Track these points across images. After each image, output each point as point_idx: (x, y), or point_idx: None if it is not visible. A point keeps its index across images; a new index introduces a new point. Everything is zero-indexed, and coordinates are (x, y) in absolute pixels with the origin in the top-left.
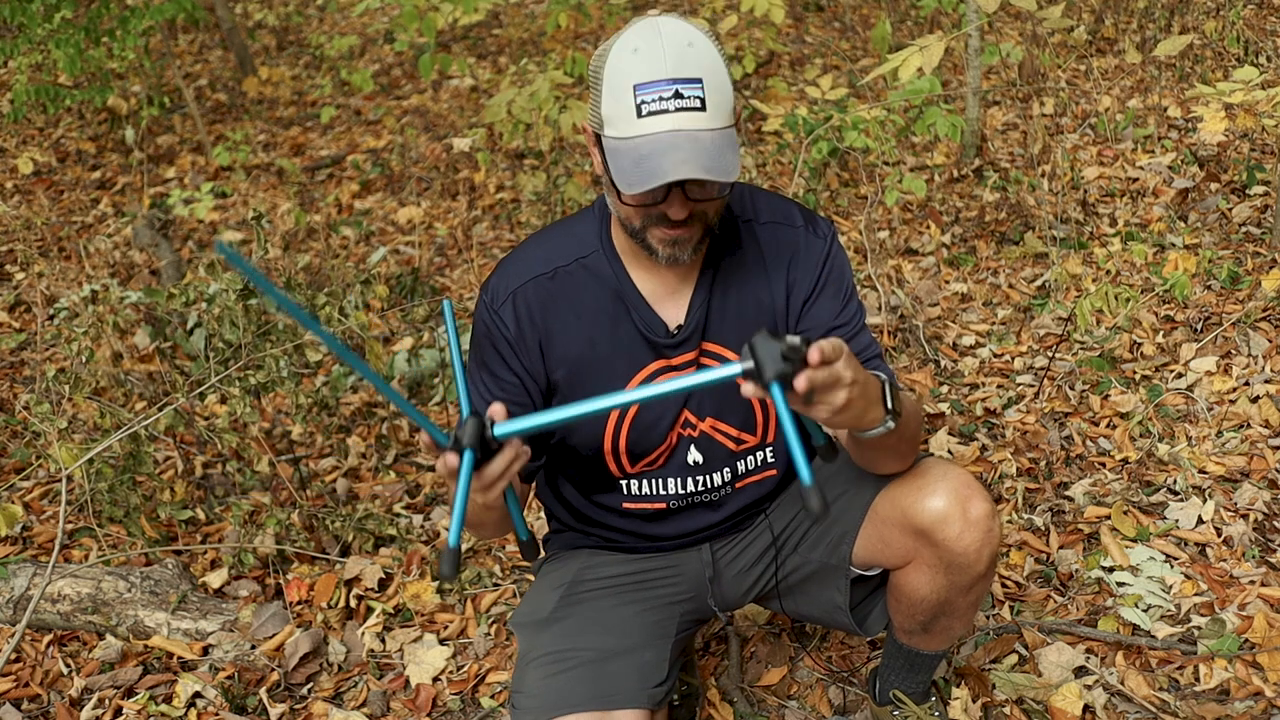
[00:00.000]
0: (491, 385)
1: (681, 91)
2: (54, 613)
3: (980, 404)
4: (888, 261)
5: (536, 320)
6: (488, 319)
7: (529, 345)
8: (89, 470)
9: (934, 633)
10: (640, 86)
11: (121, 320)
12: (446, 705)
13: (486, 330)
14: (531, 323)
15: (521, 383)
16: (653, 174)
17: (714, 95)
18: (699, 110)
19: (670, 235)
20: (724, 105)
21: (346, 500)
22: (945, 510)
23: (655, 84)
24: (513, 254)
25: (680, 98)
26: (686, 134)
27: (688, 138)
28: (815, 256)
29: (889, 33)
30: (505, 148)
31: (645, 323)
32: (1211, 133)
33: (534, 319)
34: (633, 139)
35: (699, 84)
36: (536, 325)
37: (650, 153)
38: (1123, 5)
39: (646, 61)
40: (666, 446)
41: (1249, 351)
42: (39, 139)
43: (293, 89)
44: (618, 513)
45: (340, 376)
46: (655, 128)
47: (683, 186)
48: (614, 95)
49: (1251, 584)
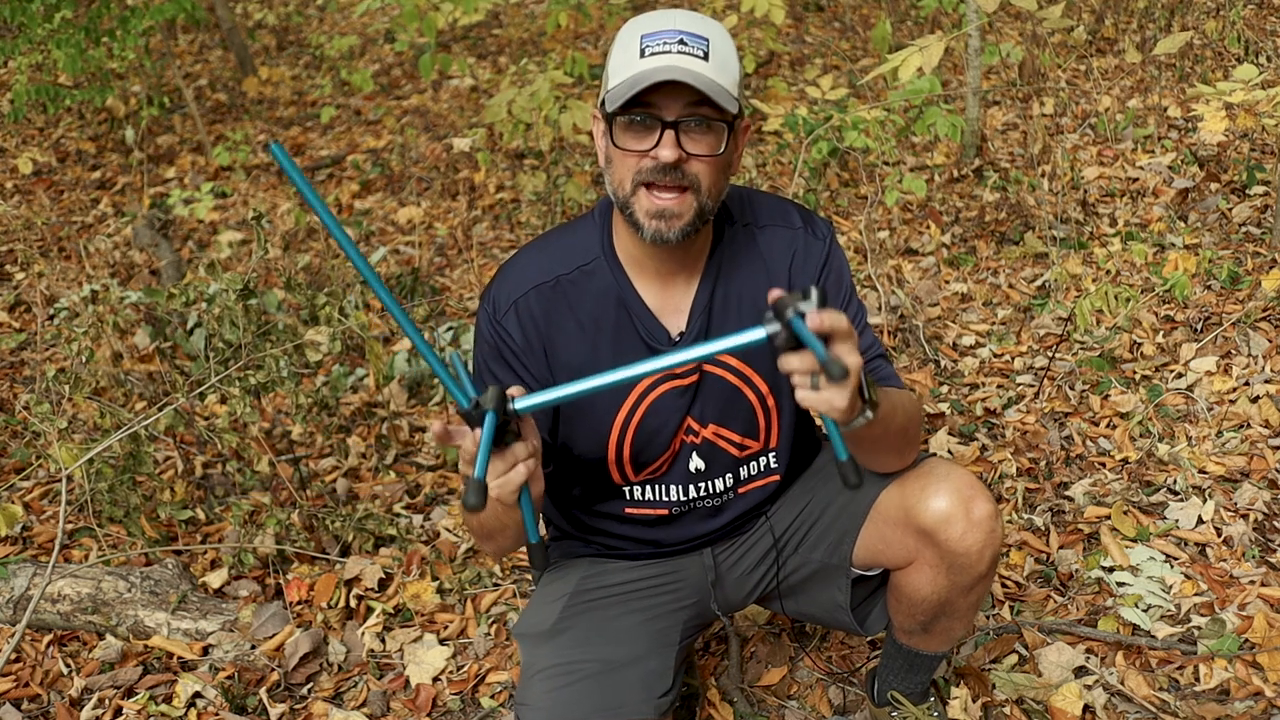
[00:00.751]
0: None
1: (686, 40)
2: (54, 613)
3: (980, 404)
4: (888, 261)
5: (540, 328)
6: (492, 330)
7: (535, 353)
8: (89, 470)
9: (934, 633)
10: (647, 35)
11: (121, 320)
12: (446, 705)
13: (491, 341)
14: (536, 331)
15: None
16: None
17: (719, 55)
18: (702, 59)
19: (658, 205)
20: (729, 69)
21: (346, 500)
22: (948, 511)
23: (662, 33)
24: (513, 261)
25: (684, 44)
26: (685, 69)
27: (685, 70)
28: (815, 258)
29: (889, 33)
30: (505, 148)
31: (647, 330)
32: (1211, 132)
33: (538, 327)
34: (631, 74)
35: (705, 40)
36: (540, 333)
37: (645, 74)
38: (1123, 5)
39: (657, 19)
40: (670, 454)
41: (1249, 351)
42: (39, 139)
43: (293, 89)
44: (619, 519)
45: (340, 376)
46: (655, 64)
47: (676, 130)
48: (620, 50)
49: (1251, 584)
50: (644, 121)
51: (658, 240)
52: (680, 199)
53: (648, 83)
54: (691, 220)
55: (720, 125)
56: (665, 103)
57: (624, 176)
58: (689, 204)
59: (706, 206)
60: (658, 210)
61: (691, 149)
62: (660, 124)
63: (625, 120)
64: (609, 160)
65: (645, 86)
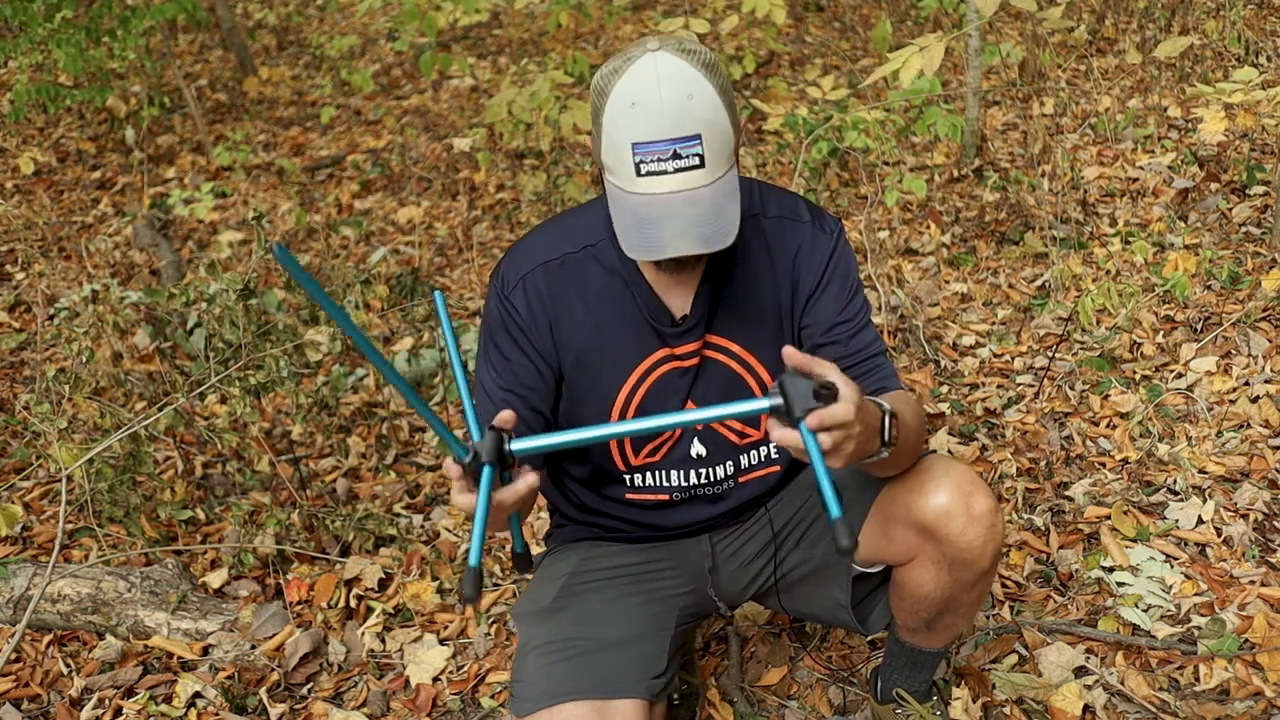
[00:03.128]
0: (501, 367)
1: (680, 152)
2: (54, 613)
3: (980, 404)
4: (888, 261)
5: (547, 305)
6: (500, 305)
7: (541, 330)
8: (89, 470)
9: (937, 630)
10: (639, 146)
11: (121, 320)
12: (446, 705)
13: (499, 316)
14: (542, 308)
15: (534, 366)
16: (652, 244)
17: (712, 148)
18: (697, 168)
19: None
20: (723, 153)
21: (346, 500)
22: (949, 506)
23: (653, 145)
24: (522, 241)
25: (678, 158)
26: (684, 196)
27: (685, 201)
28: (821, 252)
29: (889, 33)
30: (505, 148)
31: (651, 310)
32: (1211, 133)
33: (544, 304)
34: (633, 196)
35: (697, 141)
36: (547, 310)
37: (649, 217)
38: (1123, 5)
39: (645, 118)
40: (670, 438)
41: (1249, 351)
42: (39, 139)
43: (293, 89)
44: (621, 503)
45: (340, 376)
46: (654, 189)
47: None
48: (613, 149)
49: (1251, 584)
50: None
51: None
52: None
53: (655, 257)
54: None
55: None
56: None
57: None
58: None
59: None
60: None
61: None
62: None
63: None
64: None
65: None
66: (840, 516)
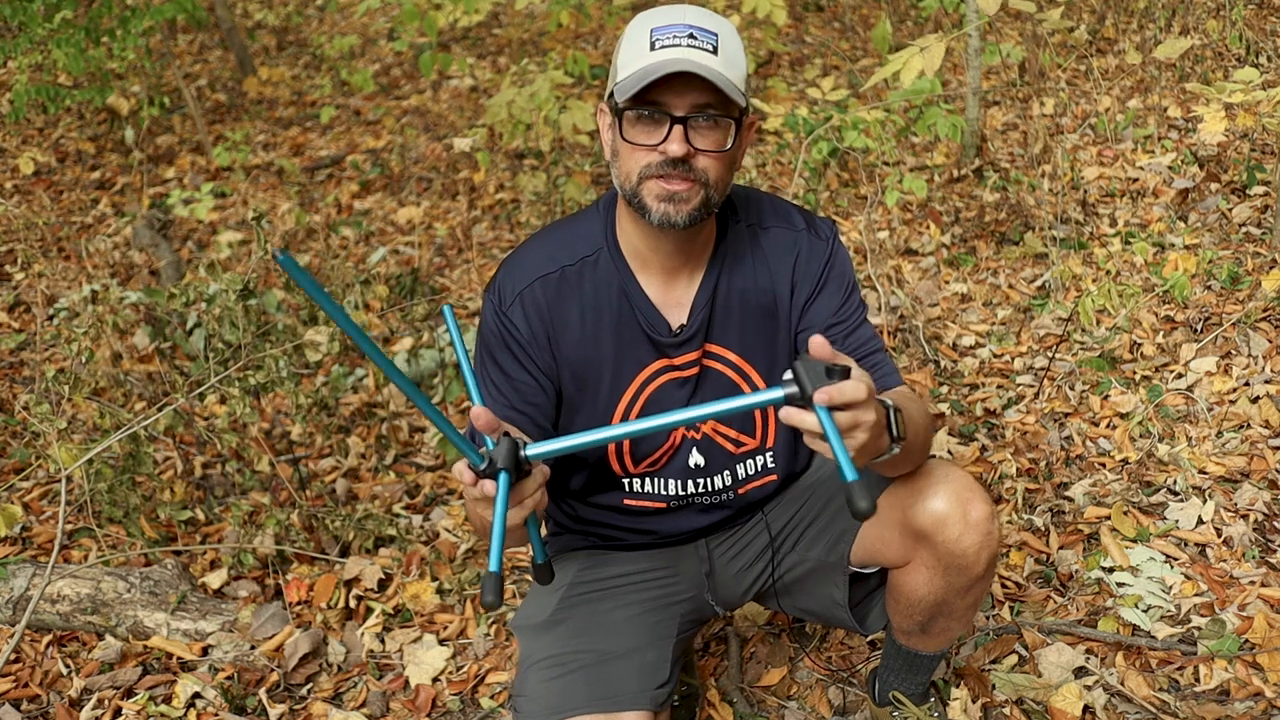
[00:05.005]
0: (504, 386)
1: (696, 35)
2: (53, 613)
3: (980, 404)
4: (888, 261)
5: (545, 319)
6: (497, 321)
7: (540, 344)
8: (89, 470)
9: (932, 634)
10: (657, 29)
11: (121, 320)
12: (446, 706)
13: (497, 332)
14: (541, 321)
15: (537, 382)
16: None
17: (727, 51)
18: (711, 53)
19: (667, 189)
20: (737, 65)
21: (346, 500)
22: (945, 512)
23: (672, 26)
24: (517, 253)
25: (694, 39)
26: (694, 62)
27: (695, 63)
28: (818, 259)
29: (889, 33)
30: (505, 148)
31: (649, 321)
32: (1211, 133)
33: (543, 318)
34: (641, 67)
35: (714, 35)
36: (546, 323)
37: (655, 67)
38: (1123, 5)
39: (667, 14)
40: (669, 447)
41: (1249, 352)
42: (39, 139)
43: (293, 89)
44: (618, 510)
45: (340, 377)
46: (665, 56)
47: (685, 125)
48: (629, 43)
49: (1251, 584)
50: (653, 116)
51: (665, 224)
52: (689, 185)
53: (658, 74)
54: (699, 206)
55: (727, 121)
56: (674, 99)
57: (631, 169)
58: (696, 194)
59: (713, 198)
60: (667, 194)
61: (700, 144)
62: (669, 119)
63: (634, 114)
64: (616, 153)
65: (656, 78)
66: (858, 479)
